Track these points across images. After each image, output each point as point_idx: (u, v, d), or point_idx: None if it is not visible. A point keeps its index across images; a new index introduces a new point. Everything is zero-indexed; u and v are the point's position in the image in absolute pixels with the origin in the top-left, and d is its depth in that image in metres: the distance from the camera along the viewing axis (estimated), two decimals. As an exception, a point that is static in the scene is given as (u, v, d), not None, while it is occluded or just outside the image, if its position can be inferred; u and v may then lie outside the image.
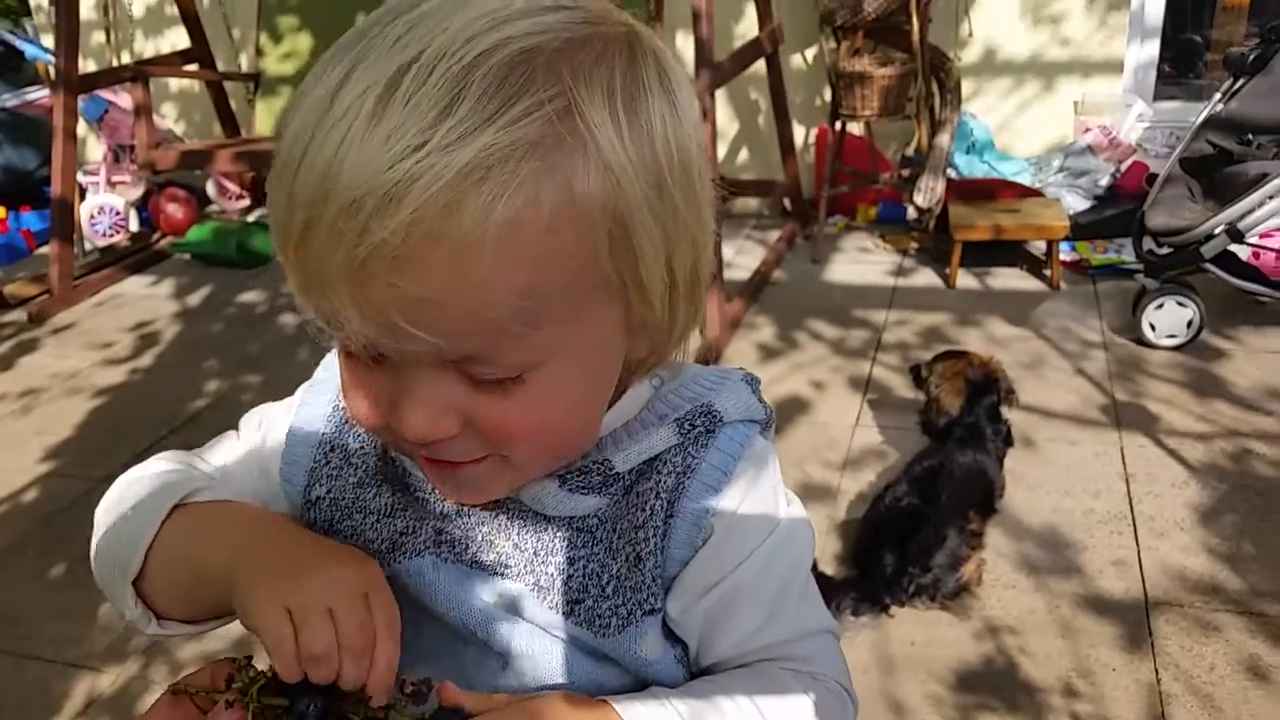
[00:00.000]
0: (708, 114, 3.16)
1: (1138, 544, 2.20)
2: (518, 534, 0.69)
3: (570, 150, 0.53)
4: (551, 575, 0.69)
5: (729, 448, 0.69)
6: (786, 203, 4.51)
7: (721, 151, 4.54)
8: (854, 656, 1.94)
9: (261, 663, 0.70)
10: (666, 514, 0.67)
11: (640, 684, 0.70)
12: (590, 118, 0.53)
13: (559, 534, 0.69)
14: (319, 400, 0.76)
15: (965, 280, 3.72)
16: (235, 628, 0.68)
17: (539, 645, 0.70)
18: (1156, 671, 1.85)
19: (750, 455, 0.69)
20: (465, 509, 0.70)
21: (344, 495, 0.73)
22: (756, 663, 0.70)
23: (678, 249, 0.60)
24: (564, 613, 0.69)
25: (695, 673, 0.72)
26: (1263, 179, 2.87)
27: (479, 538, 0.70)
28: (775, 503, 0.71)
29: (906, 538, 2.10)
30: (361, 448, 0.73)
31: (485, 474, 0.63)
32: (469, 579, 0.70)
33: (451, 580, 0.70)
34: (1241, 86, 3.12)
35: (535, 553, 0.69)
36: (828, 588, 2.04)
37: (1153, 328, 3.08)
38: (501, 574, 0.70)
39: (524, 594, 0.69)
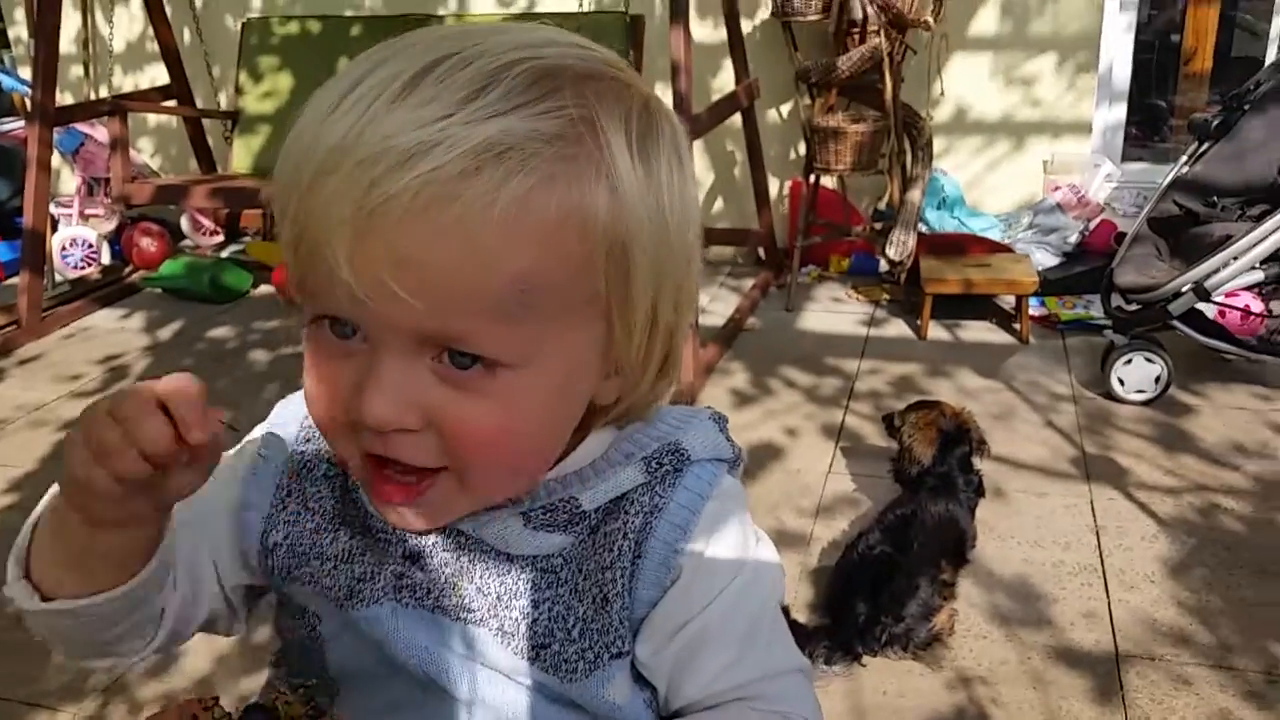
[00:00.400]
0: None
1: (1108, 596, 2.21)
2: (480, 576, 0.68)
3: (587, 157, 0.55)
4: (516, 619, 0.67)
5: (697, 487, 0.68)
6: (761, 252, 4.55)
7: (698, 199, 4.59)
8: (827, 706, 1.91)
9: (228, 702, 0.69)
10: (634, 554, 0.66)
11: None
12: (609, 137, 0.56)
13: (523, 575, 0.68)
14: (276, 445, 0.74)
15: (936, 332, 3.76)
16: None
17: (503, 692, 0.68)
18: (1127, 724, 1.85)
19: (718, 494, 0.69)
20: (427, 551, 0.69)
21: (301, 541, 0.71)
22: (728, 703, 0.69)
23: (664, 292, 0.60)
24: (529, 658, 0.67)
25: (664, 717, 0.71)
26: (1227, 240, 2.94)
27: (441, 581, 0.69)
28: (744, 542, 0.70)
29: (879, 586, 2.10)
30: (319, 492, 0.72)
31: (438, 494, 0.61)
32: (430, 625, 0.68)
33: (412, 627, 0.68)
34: (1206, 150, 3.20)
35: (499, 596, 0.68)
36: (800, 635, 2.03)
37: (1121, 383, 3.12)
38: (464, 619, 0.68)
39: (488, 639, 0.68)
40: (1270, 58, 4.15)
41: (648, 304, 0.59)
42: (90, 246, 4.58)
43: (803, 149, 4.24)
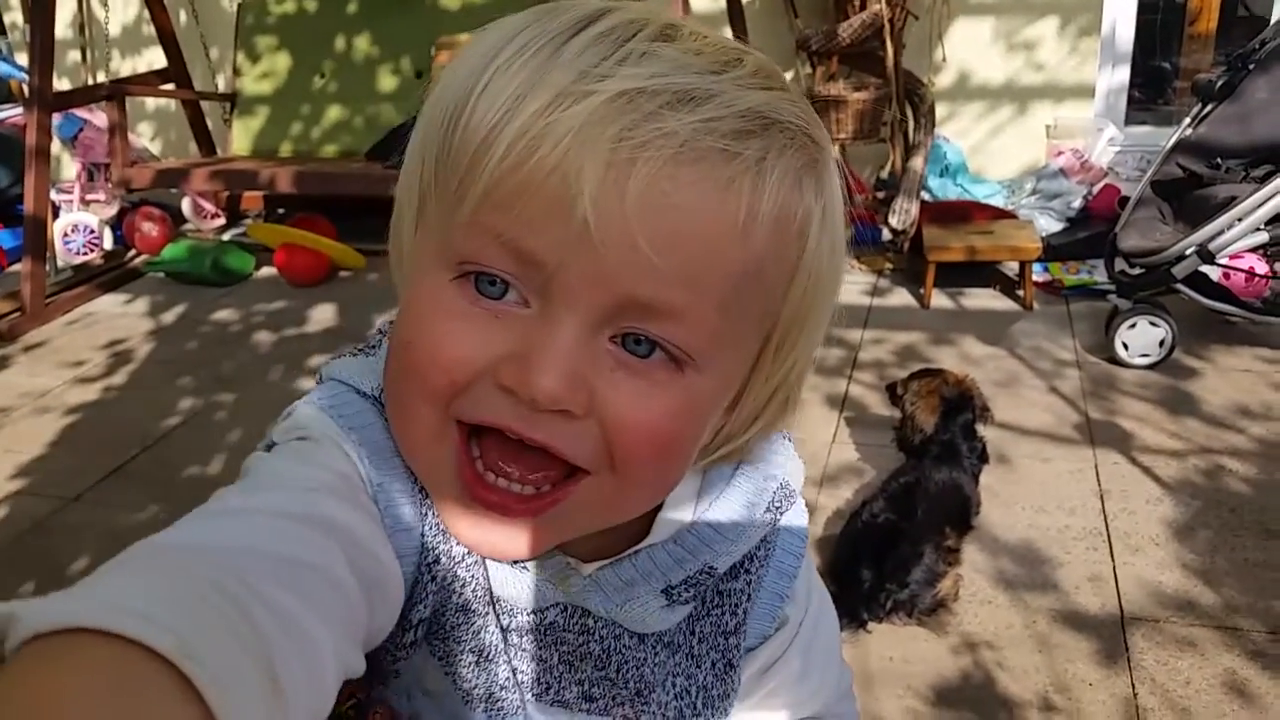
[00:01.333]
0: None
1: (1113, 560, 2.22)
2: (618, 669, 0.61)
3: (820, 170, 0.50)
4: (653, 710, 0.62)
5: (798, 527, 0.64)
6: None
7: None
8: (832, 672, 1.93)
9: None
10: (747, 610, 0.63)
11: None
12: (827, 157, 0.51)
13: (653, 654, 0.61)
14: (400, 483, 0.55)
15: (940, 300, 3.75)
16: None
17: None
18: (1133, 686, 1.86)
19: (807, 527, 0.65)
20: (540, 630, 0.59)
21: (444, 621, 0.58)
22: None
23: (809, 346, 0.54)
24: None
25: None
26: (1231, 202, 2.92)
27: (579, 678, 0.61)
28: (811, 568, 0.67)
29: (883, 554, 2.11)
30: (468, 552, 0.57)
31: (567, 507, 0.51)
32: None
33: None
34: (1210, 112, 3.17)
35: (638, 692, 0.61)
36: (806, 604, 2.04)
37: (1125, 347, 3.11)
38: (607, 713, 0.62)
39: None
40: (1276, 16, 4.11)
41: (806, 343, 0.54)
42: (92, 232, 4.58)
43: (803, 119, 4.21)
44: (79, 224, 4.55)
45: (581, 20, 0.47)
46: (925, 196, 4.04)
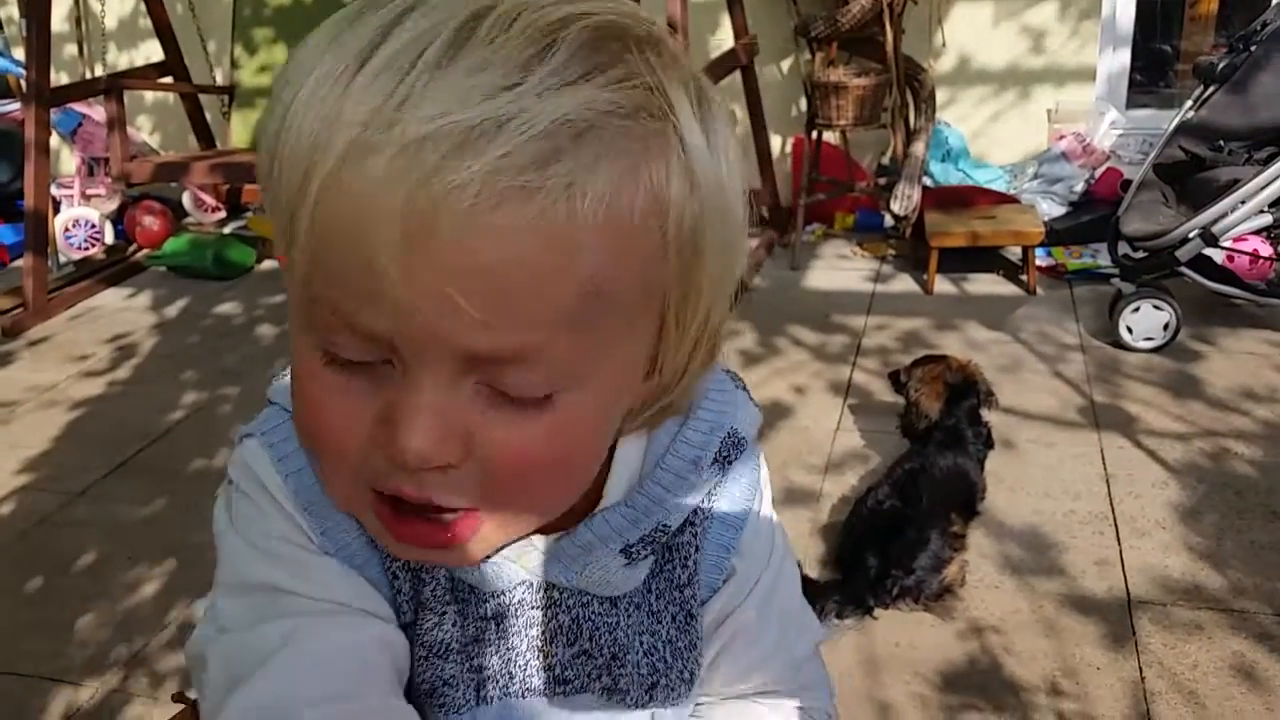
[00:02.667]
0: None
1: (1119, 544, 2.22)
2: (590, 636, 0.62)
3: (665, 136, 0.46)
4: (629, 672, 0.62)
5: (748, 477, 0.64)
6: (764, 211, 4.52)
7: (699, 161, 4.57)
8: (838, 659, 1.93)
9: None
10: (697, 562, 0.63)
11: None
12: (679, 112, 0.47)
13: (625, 616, 0.62)
14: (339, 532, 0.59)
15: (943, 286, 3.74)
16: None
17: None
18: (1140, 669, 1.86)
19: (761, 478, 0.65)
20: (511, 613, 0.61)
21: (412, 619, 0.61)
22: (749, 698, 0.68)
23: (725, 281, 0.52)
24: (642, 704, 0.63)
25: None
26: (1234, 184, 2.91)
27: (549, 662, 0.62)
28: (773, 522, 0.67)
29: (889, 540, 2.11)
30: (417, 564, 0.60)
31: (475, 535, 0.52)
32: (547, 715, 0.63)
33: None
34: (1212, 94, 3.16)
35: (614, 655, 0.62)
36: (812, 590, 2.04)
37: (1130, 331, 3.11)
38: (563, 693, 0.63)
39: (591, 703, 0.63)
40: (1277, -3, 4.09)
41: (708, 303, 0.52)
42: (93, 227, 4.57)
43: (804, 105, 4.20)
44: (80, 219, 4.54)
45: (382, 29, 0.44)
46: (927, 182, 4.03)
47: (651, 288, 0.48)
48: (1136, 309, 3.09)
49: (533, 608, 0.61)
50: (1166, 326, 3.08)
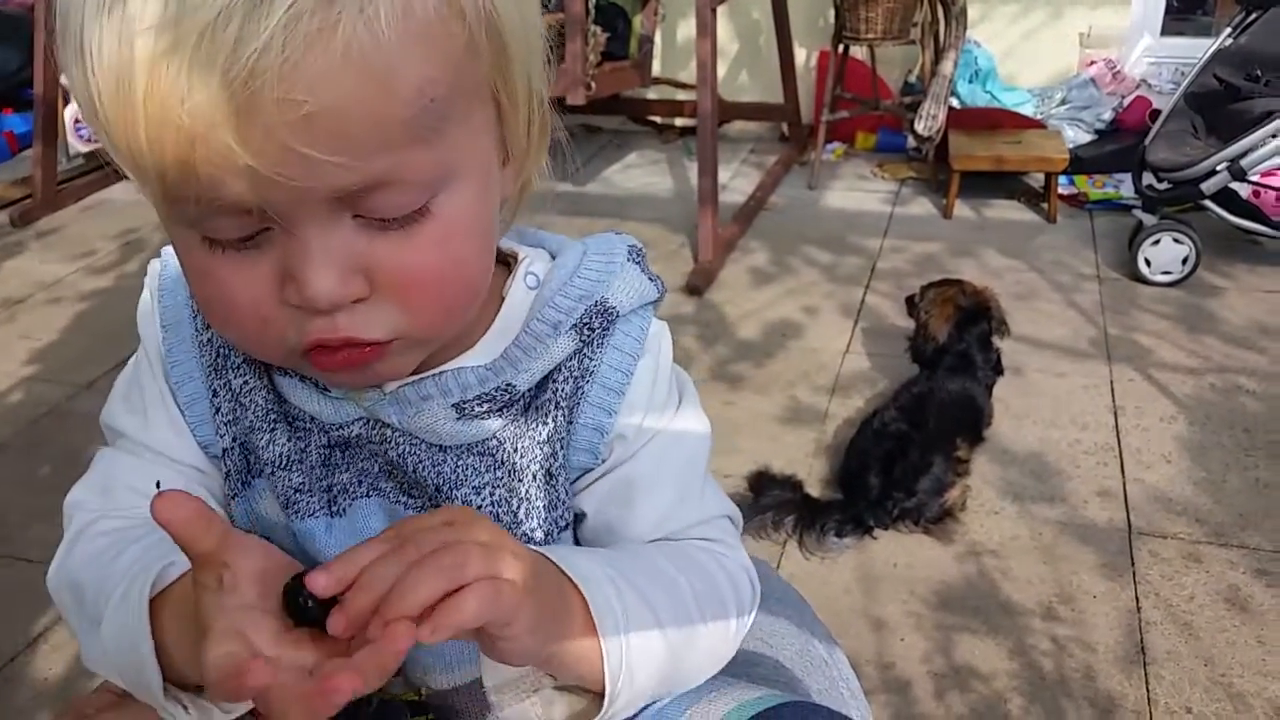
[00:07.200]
0: (708, 30, 3.08)
1: (1124, 475, 2.21)
2: (415, 470, 0.65)
3: None
4: (458, 504, 0.65)
5: (627, 345, 0.66)
6: (785, 128, 4.44)
7: (721, 72, 4.45)
8: (837, 577, 1.95)
9: None
10: (568, 422, 0.65)
11: None
12: None
13: (460, 463, 0.65)
14: (181, 350, 0.69)
15: (962, 211, 3.68)
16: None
17: None
18: (1137, 599, 1.87)
19: (649, 348, 0.67)
20: (352, 444, 0.65)
21: (247, 444, 0.67)
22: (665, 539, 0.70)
23: (535, 55, 0.57)
24: None
25: None
26: (1268, 117, 2.83)
27: (370, 477, 0.66)
28: (670, 390, 0.69)
29: (893, 462, 2.11)
30: (246, 383, 0.67)
31: (393, 358, 0.57)
32: (363, 531, 0.65)
33: (345, 540, 0.65)
34: (1254, 21, 3.06)
35: (437, 488, 0.65)
36: (813, 509, 2.05)
37: (1148, 263, 3.06)
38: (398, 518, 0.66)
39: None
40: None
41: (525, 71, 0.56)
42: (103, 118, 4.52)
43: (831, 17, 4.08)
44: (90, 110, 4.48)
45: None
46: (953, 103, 3.94)
47: (476, 77, 0.52)
48: (1156, 241, 3.04)
49: (367, 441, 0.65)
50: (1185, 261, 3.03)
